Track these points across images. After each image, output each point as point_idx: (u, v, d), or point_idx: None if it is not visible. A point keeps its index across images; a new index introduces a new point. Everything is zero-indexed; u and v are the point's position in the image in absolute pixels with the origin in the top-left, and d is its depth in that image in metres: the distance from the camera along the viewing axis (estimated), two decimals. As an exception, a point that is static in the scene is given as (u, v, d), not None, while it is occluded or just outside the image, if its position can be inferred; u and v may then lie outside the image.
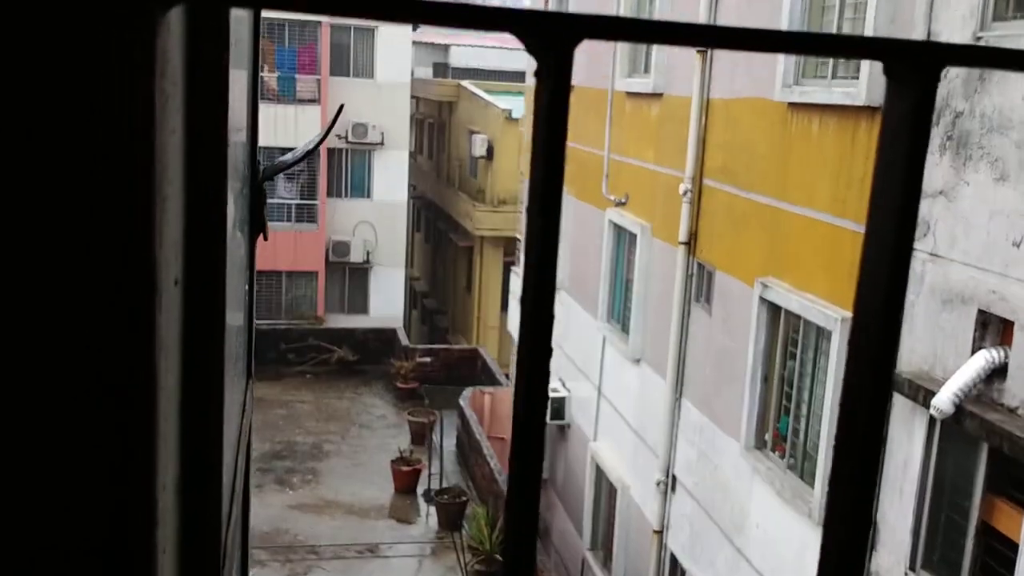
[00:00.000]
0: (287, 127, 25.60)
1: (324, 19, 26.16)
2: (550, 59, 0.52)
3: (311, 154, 2.94)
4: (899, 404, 7.19)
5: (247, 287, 1.64)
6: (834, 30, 8.38)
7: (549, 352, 0.52)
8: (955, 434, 6.68)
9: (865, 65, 7.65)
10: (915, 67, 0.54)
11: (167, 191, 0.61)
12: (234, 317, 1.40)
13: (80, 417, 0.52)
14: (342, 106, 2.76)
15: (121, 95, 0.48)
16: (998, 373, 6.25)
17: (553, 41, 0.51)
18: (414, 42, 29.08)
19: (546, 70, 0.52)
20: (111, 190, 0.49)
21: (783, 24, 8.86)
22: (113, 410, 0.53)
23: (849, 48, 0.64)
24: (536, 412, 0.51)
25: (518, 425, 0.51)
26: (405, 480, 18.09)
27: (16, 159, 0.48)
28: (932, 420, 6.77)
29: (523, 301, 0.52)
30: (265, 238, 1.66)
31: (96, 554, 0.57)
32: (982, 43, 6.45)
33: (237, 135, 1.66)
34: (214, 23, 0.73)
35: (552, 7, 15.96)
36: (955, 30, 6.69)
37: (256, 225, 1.62)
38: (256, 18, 1.96)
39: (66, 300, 0.50)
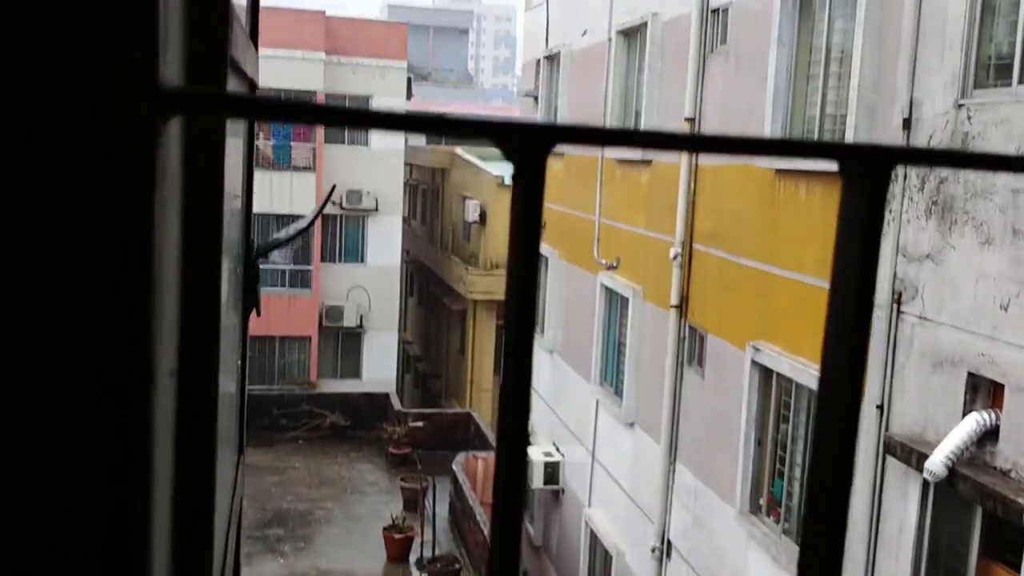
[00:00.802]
0: (282, 194, 25.78)
1: (319, 89, 26.51)
2: (525, 164, 0.55)
3: (303, 232, 3.00)
4: (892, 467, 7.18)
5: (239, 362, 1.66)
6: (819, 98, 8.53)
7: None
8: (949, 497, 6.66)
9: (850, 131, 7.78)
10: (867, 167, 0.59)
11: (162, 288, 0.65)
12: (226, 395, 1.42)
13: (75, 505, 0.55)
14: (334, 187, 2.82)
15: (122, 204, 0.52)
16: (990, 436, 6.26)
17: (527, 147, 0.54)
18: (408, 111, 29.44)
19: (521, 173, 0.55)
20: (109, 294, 0.52)
21: (768, 94, 9.02)
22: (108, 501, 0.55)
23: (806, 150, 0.68)
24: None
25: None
26: (397, 548, 17.86)
27: (17, 259, 0.51)
28: (926, 483, 6.75)
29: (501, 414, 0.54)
30: (258, 314, 1.69)
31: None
32: (963, 109, 6.57)
33: (232, 206, 1.70)
34: (211, 130, 0.77)
35: (542, 113, 16.26)
36: (937, 97, 6.83)
37: (249, 302, 1.66)
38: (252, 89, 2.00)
39: (64, 395, 0.53)
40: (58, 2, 0.51)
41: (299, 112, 0.58)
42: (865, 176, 0.60)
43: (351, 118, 0.58)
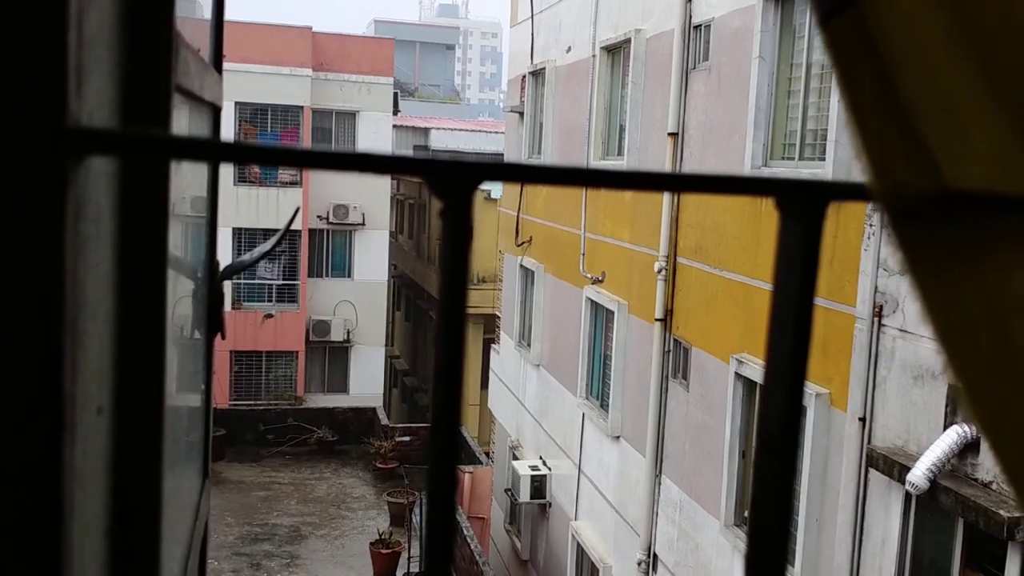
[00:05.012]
0: (269, 209, 25.77)
1: (306, 104, 26.52)
2: (452, 200, 0.55)
3: (268, 255, 2.99)
4: (875, 480, 7.19)
5: (204, 385, 1.65)
6: (800, 114, 8.58)
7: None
8: (931, 510, 6.67)
9: (831, 146, 7.82)
10: (804, 202, 0.58)
11: (86, 327, 0.63)
12: (186, 420, 1.41)
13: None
14: (298, 209, 2.82)
15: (24, 246, 0.50)
16: (971, 448, 6.28)
17: (454, 185, 0.54)
18: (395, 126, 29.49)
19: (448, 210, 0.55)
20: (13, 335, 0.51)
21: (750, 110, 9.06)
22: (16, 548, 0.53)
23: (743, 187, 0.68)
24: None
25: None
26: (384, 563, 17.78)
27: None
28: (908, 496, 6.76)
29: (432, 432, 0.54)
30: (223, 337, 1.68)
31: None
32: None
33: (195, 227, 1.68)
34: (147, 163, 0.76)
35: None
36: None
37: (213, 325, 1.64)
38: (215, 135, 1.99)
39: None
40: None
41: (217, 151, 0.57)
42: (802, 212, 0.60)
43: (270, 156, 0.57)
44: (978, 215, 0.49)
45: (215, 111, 1.50)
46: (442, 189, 0.55)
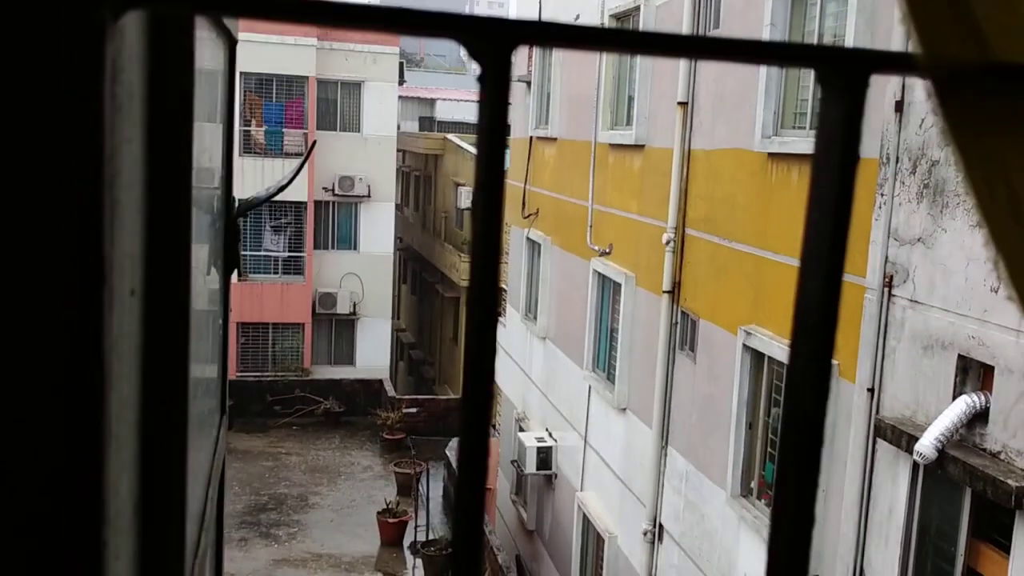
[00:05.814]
0: (275, 180, 25.69)
1: (311, 74, 26.43)
2: (490, 62, 0.53)
3: (283, 190, 2.99)
4: (883, 450, 7.19)
5: (221, 321, 1.65)
6: (811, 83, 8.51)
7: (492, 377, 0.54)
8: (939, 480, 6.68)
9: (842, 114, 7.75)
10: (845, 73, 0.57)
11: (120, 196, 0.63)
12: (204, 346, 1.40)
13: (23, 423, 0.53)
14: (314, 142, 2.81)
15: (65, 101, 0.50)
16: (979, 418, 6.27)
17: (493, 45, 0.53)
18: (400, 96, 29.38)
19: (486, 72, 0.53)
20: (54, 193, 0.50)
21: (760, 79, 9.00)
22: (59, 413, 0.53)
23: (781, 55, 0.66)
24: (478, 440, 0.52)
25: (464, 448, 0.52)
26: (391, 532, 17.90)
27: None
28: (916, 466, 6.77)
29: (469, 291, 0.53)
30: (240, 275, 1.68)
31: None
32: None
33: (213, 167, 1.68)
34: (175, 31, 0.75)
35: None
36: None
37: (231, 261, 1.64)
38: (231, 68, 1.97)
39: (7, 305, 0.51)
40: None
41: (242, 5, 0.56)
42: (843, 83, 0.58)
43: (294, 9, 0.56)
44: (1021, 87, 0.48)
45: (231, 44, 1.49)
46: (480, 50, 0.53)
